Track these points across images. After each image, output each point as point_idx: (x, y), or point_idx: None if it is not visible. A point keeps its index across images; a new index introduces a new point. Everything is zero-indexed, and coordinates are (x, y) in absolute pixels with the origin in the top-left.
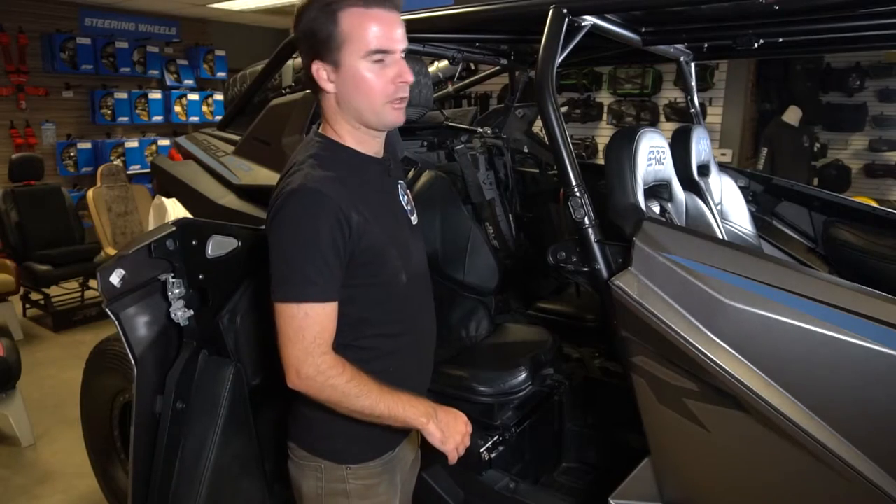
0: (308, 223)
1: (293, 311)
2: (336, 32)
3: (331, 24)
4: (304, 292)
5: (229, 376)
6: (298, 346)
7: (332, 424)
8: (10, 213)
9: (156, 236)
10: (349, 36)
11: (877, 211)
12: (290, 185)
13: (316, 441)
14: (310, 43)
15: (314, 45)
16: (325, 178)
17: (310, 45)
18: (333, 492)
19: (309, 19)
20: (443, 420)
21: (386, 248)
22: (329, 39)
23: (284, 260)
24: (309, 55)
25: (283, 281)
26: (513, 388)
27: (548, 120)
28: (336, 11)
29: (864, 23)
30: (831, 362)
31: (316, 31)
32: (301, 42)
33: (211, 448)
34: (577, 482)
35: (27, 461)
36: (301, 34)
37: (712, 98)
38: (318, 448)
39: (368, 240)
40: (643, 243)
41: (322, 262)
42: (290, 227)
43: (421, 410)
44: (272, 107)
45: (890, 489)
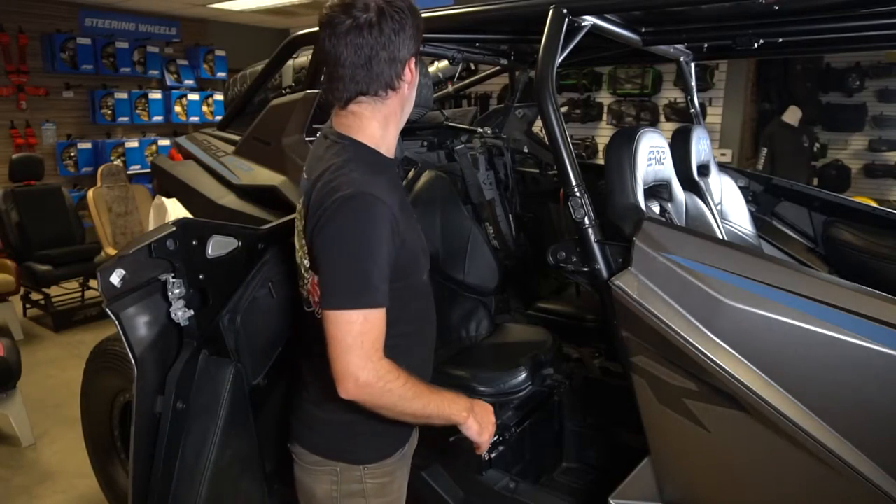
0: (368, 229)
1: (353, 318)
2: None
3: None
4: (365, 299)
5: (229, 376)
6: (358, 352)
7: (353, 426)
8: (10, 213)
9: (156, 236)
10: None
11: (877, 211)
12: (339, 190)
13: (331, 444)
14: (416, 39)
15: (417, 42)
16: (376, 182)
17: (415, 42)
18: (350, 493)
19: (417, 16)
20: (479, 413)
21: (418, 249)
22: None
23: (343, 267)
24: (411, 51)
25: (342, 289)
26: (513, 388)
27: (548, 120)
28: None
29: (864, 23)
30: (831, 362)
31: (420, 30)
32: (412, 38)
33: (211, 448)
34: (577, 482)
35: (27, 461)
36: (414, 30)
37: (712, 98)
38: (334, 451)
39: (409, 242)
40: (643, 243)
41: (379, 267)
42: (350, 234)
43: (462, 406)
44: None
45: (890, 489)
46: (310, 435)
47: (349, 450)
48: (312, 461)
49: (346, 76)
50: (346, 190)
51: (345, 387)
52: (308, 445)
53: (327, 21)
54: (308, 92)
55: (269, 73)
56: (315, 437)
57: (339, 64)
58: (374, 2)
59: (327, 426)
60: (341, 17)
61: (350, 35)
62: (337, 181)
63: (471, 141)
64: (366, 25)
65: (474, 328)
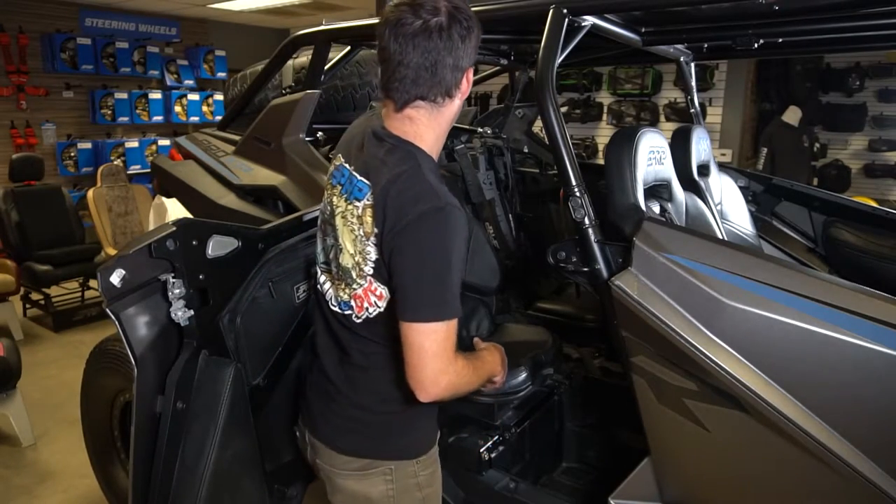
0: (455, 241)
1: (439, 329)
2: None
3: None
4: (451, 310)
5: (229, 376)
6: (442, 358)
7: (409, 422)
8: (10, 213)
9: (156, 236)
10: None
11: (877, 211)
12: (423, 200)
13: (385, 444)
14: (476, 49)
15: (476, 52)
16: (449, 192)
17: (476, 52)
18: (406, 488)
19: (480, 25)
20: (503, 359)
21: None
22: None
23: (431, 279)
24: (471, 61)
25: (430, 301)
26: (513, 388)
27: (548, 120)
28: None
29: (864, 23)
30: (831, 362)
31: (479, 41)
32: (474, 48)
33: (211, 448)
34: (577, 482)
35: (27, 461)
36: (477, 40)
37: (712, 98)
38: (387, 450)
39: None
40: (643, 243)
41: (458, 277)
42: (439, 246)
43: (497, 359)
44: (272, 107)
45: (890, 489)
46: (357, 439)
47: (403, 446)
48: (361, 465)
49: (409, 78)
50: (432, 201)
51: (425, 390)
52: (354, 451)
53: (395, 21)
54: (308, 92)
55: (269, 73)
56: (364, 440)
57: (403, 65)
58: (444, 5)
59: (380, 427)
60: (410, 17)
61: (419, 37)
62: (416, 190)
63: (471, 141)
64: (436, 29)
65: (475, 328)
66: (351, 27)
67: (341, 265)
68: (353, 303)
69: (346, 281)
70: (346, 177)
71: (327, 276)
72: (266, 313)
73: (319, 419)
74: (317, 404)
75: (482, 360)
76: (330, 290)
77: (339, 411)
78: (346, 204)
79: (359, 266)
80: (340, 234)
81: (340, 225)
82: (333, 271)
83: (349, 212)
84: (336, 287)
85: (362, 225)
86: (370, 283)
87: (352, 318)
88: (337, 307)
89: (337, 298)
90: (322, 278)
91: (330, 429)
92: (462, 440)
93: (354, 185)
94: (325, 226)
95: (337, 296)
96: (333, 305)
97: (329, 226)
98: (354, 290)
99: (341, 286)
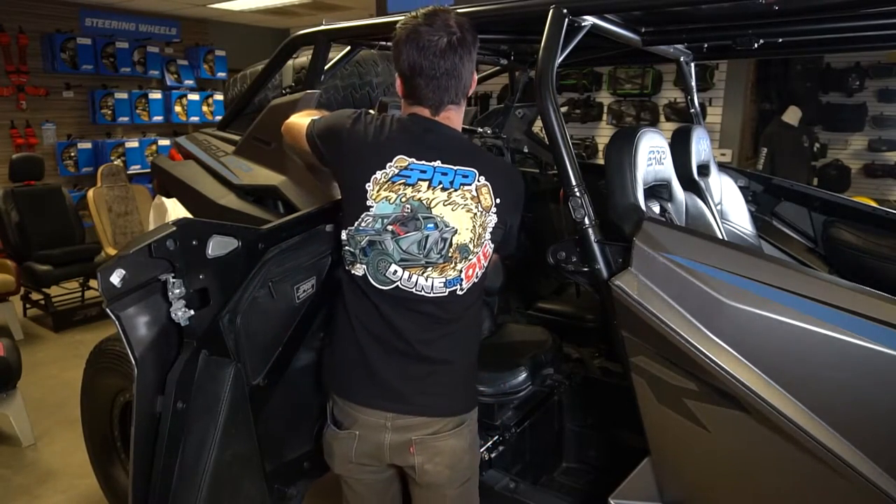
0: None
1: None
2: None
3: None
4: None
5: (229, 376)
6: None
7: (476, 370)
8: (10, 213)
9: (156, 236)
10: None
11: (877, 211)
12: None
13: (470, 399)
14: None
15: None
16: None
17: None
18: (475, 436)
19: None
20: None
21: None
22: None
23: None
24: (475, 63)
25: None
26: (513, 388)
27: (548, 120)
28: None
29: (864, 23)
30: (831, 362)
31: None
32: (476, 49)
33: (211, 448)
34: (577, 482)
35: (27, 461)
36: (476, 48)
37: (712, 98)
38: (471, 403)
39: None
40: (643, 243)
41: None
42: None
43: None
44: (272, 107)
45: (890, 489)
46: (454, 402)
47: (474, 395)
48: (457, 423)
49: (442, 87)
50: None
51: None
52: (453, 411)
53: (419, 39)
54: (308, 92)
55: (269, 73)
56: (460, 401)
57: (436, 78)
58: (453, 19)
59: (468, 386)
60: (433, 35)
61: (447, 53)
62: (509, 166)
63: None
64: (458, 44)
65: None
66: (351, 27)
67: (455, 244)
68: (462, 275)
69: (459, 258)
70: (433, 171)
71: (416, 270)
72: (266, 313)
73: (415, 396)
74: (405, 385)
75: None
76: (425, 280)
77: (439, 380)
78: (448, 192)
79: (479, 237)
80: (450, 219)
81: (447, 211)
82: (434, 258)
83: (459, 196)
84: (440, 270)
85: (479, 202)
86: (485, 247)
87: (456, 291)
88: (434, 292)
89: (441, 281)
90: (403, 275)
91: (430, 399)
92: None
93: (457, 174)
94: (408, 223)
95: (441, 279)
96: (428, 291)
97: (418, 220)
98: (470, 260)
99: (449, 266)
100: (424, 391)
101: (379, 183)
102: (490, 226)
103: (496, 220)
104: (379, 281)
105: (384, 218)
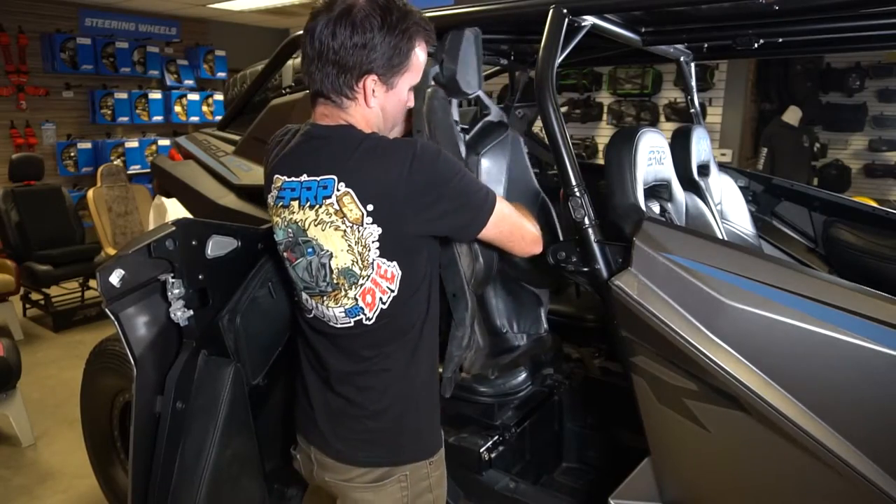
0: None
1: (504, 207)
2: (407, 60)
3: (407, 51)
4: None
5: (229, 376)
6: (528, 222)
7: (419, 422)
8: (10, 213)
9: (156, 236)
10: (414, 66)
11: (877, 211)
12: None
13: (400, 450)
14: (372, 60)
15: (377, 63)
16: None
17: (371, 62)
18: (419, 492)
19: (386, 41)
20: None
21: None
22: (399, 64)
23: (472, 184)
24: (364, 69)
25: (484, 196)
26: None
27: (548, 120)
28: (413, 39)
29: (864, 23)
30: (831, 362)
31: (390, 55)
32: (353, 52)
33: (211, 448)
34: (577, 482)
35: (27, 461)
36: (364, 47)
37: (712, 98)
38: (403, 455)
39: None
40: (643, 243)
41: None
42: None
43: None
44: (272, 107)
45: (890, 489)
46: (374, 450)
47: (418, 448)
48: (378, 476)
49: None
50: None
51: (536, 248)
52: (371, 462)
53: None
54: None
55: (269, 73)
56: (380, 450)
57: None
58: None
59: (391, 433)
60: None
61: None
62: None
63: None
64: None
65: (527, 325)
66: None
67: (335, 269)
68: (361, 303)
69: (347, 284)
70: (300, 187)
71: (318, 299)
72: (266, 313)
73: (331, 437)
74: (325, 423)
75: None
76: (327, 309)
77: (353, 425)
78: (316, 209)
79: (362, 257)
80: (323, 241)
81: (319, 232)
82: (323, 286)
83: (324, 212)
84: (335, 299)
85: (345, 216)
86: (378, 267)
87: (363, 321)
88: (339, 323)
89: (341, 311)
90: (312, 303)
91: (344, 444)
92: (462, 440)
93: (318, 186)
94: (295, 249)
95: (340, 308)
96: (335, 322)
97: (300, 245)
98: (362, 285)
99: (341, 294)
100: (337, 433)
101: (270, 208)
102: (372, 241)
103: (380, 232)
104: (303, 308)
105: (280, 245)
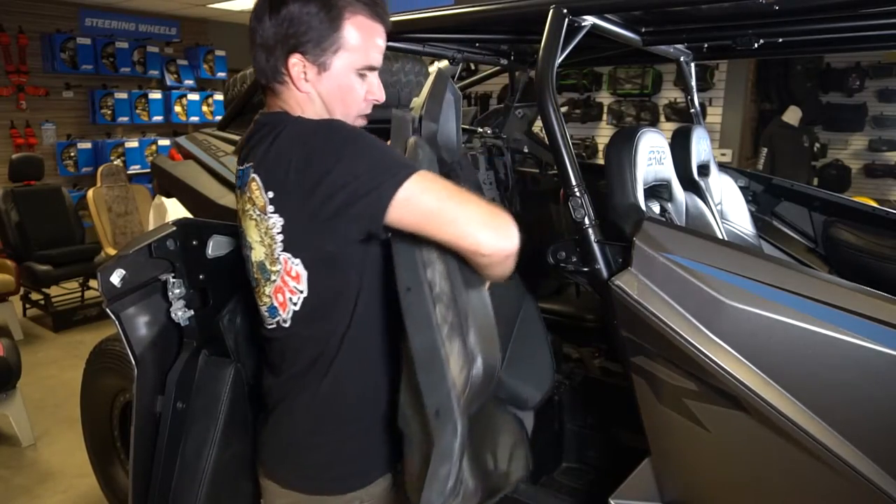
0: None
1: (432, 182)
2: (336, 35)
3: (331, 25)
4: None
5: (229, 376)
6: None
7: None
8: (10, 213)
9: (156, 236)
10: (350, 44)
11: (877, 211)
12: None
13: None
14: (292, 35)
15: (299, 38)
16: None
17: (291, 37)
18: None
19: (302, 11)
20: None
21: None
22: (322, 39)
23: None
24: (287, 47)
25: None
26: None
27: (548, 120)
28: (342, 12)
29: (864, 23)
30: (831, 362)
31: (309, 27)
32: (273, 29)
33: (211, 448)
34: (577, 482)
35: (27, 461)
36: (282, 22)
37: (712, 98)
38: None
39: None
40: (643, 243)
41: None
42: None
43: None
44: None
45: (890, 489)
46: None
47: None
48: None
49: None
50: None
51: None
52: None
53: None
54: None
55: None
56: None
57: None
58: None
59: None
60: None
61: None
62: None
63: (471, 141)
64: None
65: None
66: None
67: (254, 262)
68: (275, 301)
69: (263, 280)
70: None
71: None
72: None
73: (260, 448)
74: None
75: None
76: (260, 307)
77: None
78: (243, 199)
79: (270, 250)
80: (247, 231)
81: (245, 222)
82: (253, 282)
83: (246, 201)
84: (259, 296)
85: (255, 203)
86: (284, 262)
87: (281, 323)
88: (267, 324)
89: (265, 310)
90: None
91: (268, 456)
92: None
93: (243, 173)
94: (242, 239)
95: (264, 307)
96: (266, 323)
97: (242, 237)
98: (274, 281)
99: (261, 291)
100: (267, 444)
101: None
102: (277, 232)
103: (282, 222)
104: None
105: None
